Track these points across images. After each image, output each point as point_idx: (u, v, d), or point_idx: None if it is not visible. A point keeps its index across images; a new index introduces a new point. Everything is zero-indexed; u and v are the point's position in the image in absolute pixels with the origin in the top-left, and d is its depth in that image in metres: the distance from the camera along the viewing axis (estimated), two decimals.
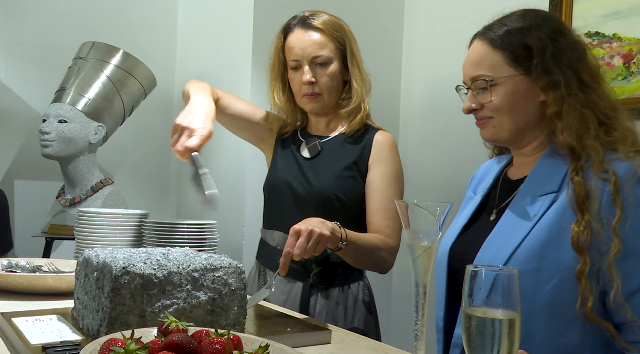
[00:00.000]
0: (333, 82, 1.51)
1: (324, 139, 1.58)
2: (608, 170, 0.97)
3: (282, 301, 1.50)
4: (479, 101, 1.10)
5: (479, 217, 1.17)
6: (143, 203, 2.59)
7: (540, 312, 0.97)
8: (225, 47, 2.48)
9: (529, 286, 0.97)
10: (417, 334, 0.82)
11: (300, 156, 1.58)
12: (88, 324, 0.97)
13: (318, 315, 1.47)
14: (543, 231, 0.99)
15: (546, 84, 1.04)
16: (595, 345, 0.96)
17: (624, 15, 1.88)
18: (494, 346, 0.66)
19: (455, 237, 1.16)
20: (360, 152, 1.52)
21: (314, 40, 1.50)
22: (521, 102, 1.07)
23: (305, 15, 1.54)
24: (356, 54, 1.53)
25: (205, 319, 0.98)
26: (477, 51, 1.10)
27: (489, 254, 1.04)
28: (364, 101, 1.53)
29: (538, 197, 1.03)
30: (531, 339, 0.97)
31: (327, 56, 1.49)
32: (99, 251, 1.04)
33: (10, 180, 2.48)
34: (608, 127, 1.03)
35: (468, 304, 0.68)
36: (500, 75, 1.06)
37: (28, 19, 2.50)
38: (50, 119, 2.19)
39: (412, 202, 0.82)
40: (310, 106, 1.55)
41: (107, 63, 2.29)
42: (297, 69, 1.52)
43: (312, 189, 1.51)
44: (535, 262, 0.98)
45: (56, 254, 2.34)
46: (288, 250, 1.17)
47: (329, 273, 1.50)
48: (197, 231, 1.57)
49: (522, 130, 1.09)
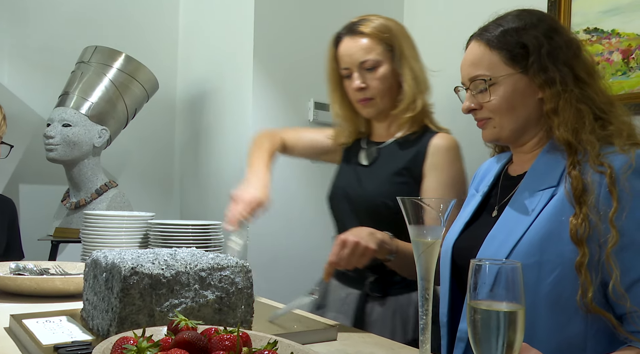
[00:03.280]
0: (385, 85, 1.47)
1: (382, 145, 1.54)
2: (604, 163, 0.98)
3: (337, 308, 1.48)
4: (478, 101, 1.11)
5: (481, 214, 1.19)
6: (147, 205, 2.60)
7: (543, 304, 0.98)
8: (227, 49, 2.49)
9: (531, 279, 0.98)
10: (423, 328, 0.83)
11: (359, 163, 1.55)
12: (98, 325, 0.98)
13: (373, 324, 1.42)
14: (543, 224, 1.00)
15: (543, 82, 1.06)
16: (599, 336, 0.97)
17: (623, 11, 1.89)
18: (498, 338, 0.67)
19: (458, 234, 1.17)
20: (414, 157, 1.45)
21: (360, 46, 1.47)
22: (520, 101, 1.08)
23: (352, 21, 1.52)
24: (406, 53, 1.47)
25: (213, 317, 0.99)
26: (474, 52, 1.12)
27: (491, 249, 1.05)
28: (415, 101, 1.47)
29: (538, 192, 1.05)
30: (535, 332, 0.98)
31: (374, 60, 1.46)
32: (107, 252, 1.05)
33: (15, 184, 2.50)
34: (604, 122, 1.05)
35: (473, 298, 0.69)
36: (498, 74, 1.08)
37: (31, 24, 2.52)
38: (54, 123, 2.20)
39: (416, 199, 0.83)
40: (365, 112, 1.52)
41: (110, 67, 2.31)
42: (349, 77, 1.50)
43: (364, 196, 1.48)
44: (537, 255, 0.99)
45: (62, 257, 2.35)
46: (333, 259, 1.17)
47: (385, 281, 1.45)
48: (202, 231, 1.59)
49: (523, 128, 1.11)
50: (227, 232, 1.35)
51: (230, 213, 1.37)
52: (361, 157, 1.56)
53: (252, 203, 1.38)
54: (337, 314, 1.46)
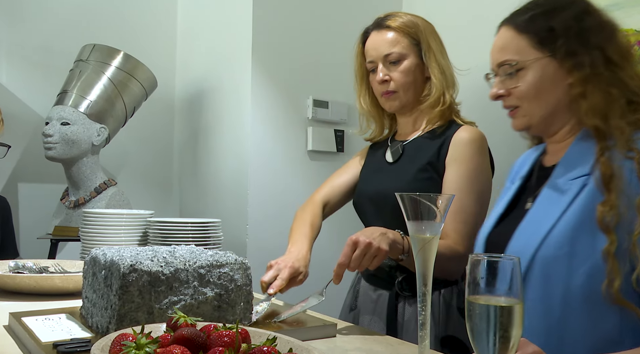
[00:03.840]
0: (408, 78, 1.46)
1: (407, 141, 1.51)
2: (633, 148, 0.95)
3: (370, 310, 1.47)
4: (506, 87, 1.08)
5: (515, 206, 1.15)
6: (146, 203, 2.60)
7: (576, 298, 0.95)
8: (225, 48, 2.49)
9: (562, 271, 0.95)
10: (422, 323, 0.83)
11: (385, 161, 1.53)
12: (97, 322, 0.98)
13: (407, 324, 1.40)
14: (575, 214, 0.97)
15: (572, 65, 1.03)
16: (637, 330, 0.93)
17: (623, 7, 1.89)
18: (497, 333, 0.67)
19: (491, 227, 1.15)
20: (437, 151, 1.42)
21: (386, 39, 1.47)
22: (548, 86, 1.05)
23: (380, 17, 1.52)
24: (434, 47, 1.47)
25: (212, 314, 0.99)
26: (503, 37, 1.09)
27: (521, 241, 1.02)
28: (445, 95, 1.45)
29: (570, 181, 1.01)
30: (567, 327, 0.95)
31: (399, 53, 1.46)
32: (106, 249, 1.05)
33: (14, 183, 2.50)
34: (637, 106, 1.01)
35: (471, 293, 0.69)
36: (525, 58, 1.05)
37: (29, 23, 2.51)
38: (52, 121, 2.20)
39: (415, 195, 0.83)
40: (388, 105, 1.51)
41: (109, 65, 2.30)
42: (374, 71, 1.50)
43: (387, 195, 1.42)
44: (567, 246, 0.95)
45: (61, 255, 2.35)
46: (343, 260, 1.13)
47: (414, 279, 1.45)
48: (201, 229, 1.59)
49: (552, 115, 1.08)
50: (258, 297, 1.31)
51: (267, 278, 1.30)
52: (387, 155, 1.54)
53: (291, 270, 1.32)
54: (372, 316, 1.44)
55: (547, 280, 0.97)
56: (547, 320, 0.97)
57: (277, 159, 2.34)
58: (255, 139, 2.30)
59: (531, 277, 0.99)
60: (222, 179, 2.49)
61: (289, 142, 2.36)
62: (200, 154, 2.67)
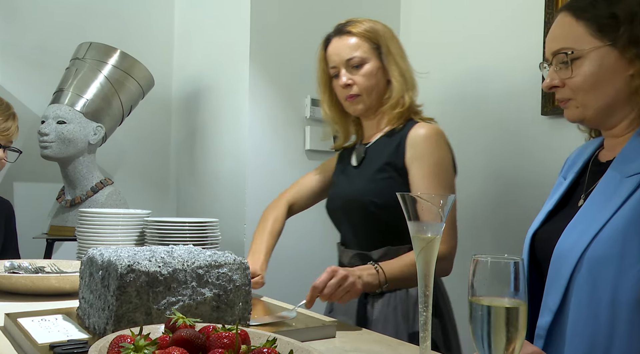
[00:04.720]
0: (370, 81, 1.50)
1: (369, 143, 1.55)
2: None
3: (343, 310, 1.49)
4: (560, 78, 1.03)
5: (567, 203, 1.10)
6: (143, 203, 2.59)
7: (625, 302, 0.90)
8: (223, 46, 2.48)
9: (611, 272, 0.91)
10: (424, 323, 0.82)
11: (351, 165, 1.57)
12: (94, 323, 0.97)
13: (375, 322, 1.44)
14: (628, 213, 0.92)
15: (634, 55, 0.97)
16: None
17: None
18: (500, 335, 0.66)
19: (539, 224, 1.10)
20: (395, 149, 1.46)
21: (347, 44, 1.51)
22: (607, 77, 0.99)
23: (341, 23, 1.56)
24: (393, 51, 1.51)
25: (211, 315, 0.98)
26: (560, 24, 1.03)
27: (570, 240, 0.98)
28: (404, 97, 1.50)
29: (626, 178, 0.95)
30: (615, 331, 0.90)
31: (360, 57, 1.49)
32: (103, 250, 1.04)
33: (9, 182, 2.48)
34: None
35: (473, 294, 0.69)
36: (582, 47, 0.99)
37: (25, 21, 2.50)
38: (48, 120, 2.19)
39: (416, 195, 0.82)
40: (352, 108, 1.54)
41: (105, 63, 2.29)
42: (337, 76, 1.53)
43: (352, 197, 1.49)
44: (619, 246, 0.91)
45: (57, 255, 2.34)
46: (318, 284, 1.19)
47: None
48: (199, 229, 1.58)
49: (610, 108, 1.01)
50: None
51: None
52: (352, 159, 1.58)
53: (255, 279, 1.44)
54: (343, 316, 1.47)
55: (595, 282, 0.93)
56: (593, 325, 0.92)
57: (275, 158, 2.33)
58: (252, 138, 2.29)
59: (578, 278, 0.94)
60: (219, 178, 2.48)
61: (287, 142, 2.36)
62: (197, 153, 2.66)
